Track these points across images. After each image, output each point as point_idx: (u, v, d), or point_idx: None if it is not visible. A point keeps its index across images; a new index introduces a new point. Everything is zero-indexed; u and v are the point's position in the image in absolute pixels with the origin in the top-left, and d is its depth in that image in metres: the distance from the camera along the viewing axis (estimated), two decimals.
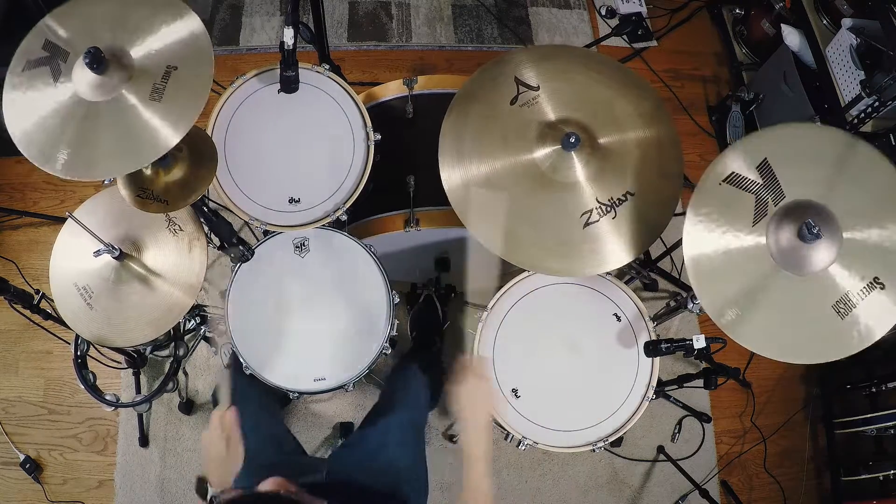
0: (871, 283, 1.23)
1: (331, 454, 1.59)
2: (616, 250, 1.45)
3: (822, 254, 1.24)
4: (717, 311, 1.23)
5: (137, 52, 1.17)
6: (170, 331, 1.65)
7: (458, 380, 1.17)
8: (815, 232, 1.19)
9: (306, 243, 1.64)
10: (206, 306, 2.03)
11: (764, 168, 1.28)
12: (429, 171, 1.51)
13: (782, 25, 2.44)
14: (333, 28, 2.83)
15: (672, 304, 1.64)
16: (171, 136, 1.12)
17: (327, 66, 1.64)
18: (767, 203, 1.27)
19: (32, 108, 1.16)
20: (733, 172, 1.27)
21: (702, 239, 1.25)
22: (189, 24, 1.18)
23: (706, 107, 2.87)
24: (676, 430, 2.30)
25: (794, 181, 1.28)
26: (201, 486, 1.05)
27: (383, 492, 1.37)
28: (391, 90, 1.85)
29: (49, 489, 2.12)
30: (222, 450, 1.12)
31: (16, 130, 1.14)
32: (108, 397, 1.58)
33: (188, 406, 2.16)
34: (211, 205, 1.77)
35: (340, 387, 1.59)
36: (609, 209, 1.46)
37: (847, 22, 2.15)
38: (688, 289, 2.40)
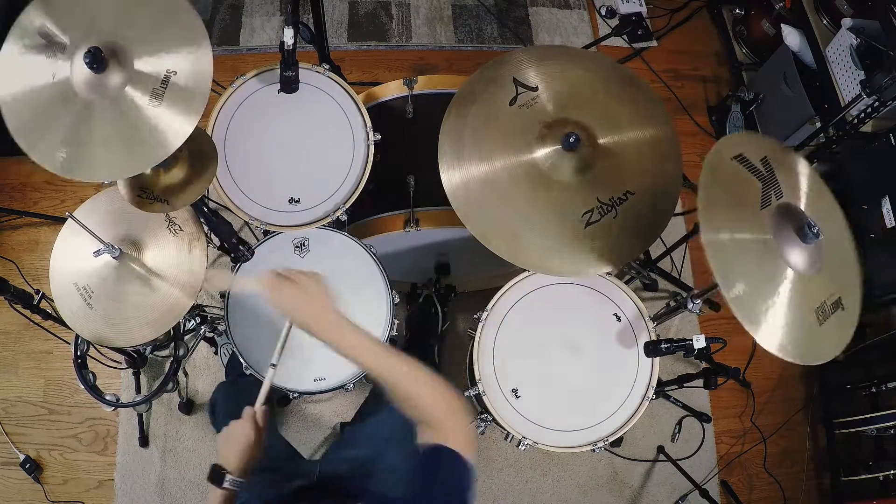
0: (836, 302, 1.28)
1: (322, 456, 1.59)
2: (616, 250, 1.45)
3: (814, 256, 1.26)
4: (728, 284, 1.20)
5: (137, 53, 1.16)
6: (170, 331, 1.64)
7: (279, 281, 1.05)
8: (815, 232, 1.20)
9: (306, 243, 1.64)
10: (206, 306, 2.03)
11: (766, 164, 1.29)
12: (429, 171, 1.51)
13: (782, 25, 2.44)
14: (333, 28, 2.83)
15: (672, 304, 1.64)
16: (169, 142, 1.12)
17: (327, 66, 1.64)
18: (771, 196, 1.28)
19: (34, 104, 1.15)
20: (742, 154, 1.28)
21: (716, 204, 1.24)
22: (191, 29, 1.17)
23: (706, 107, 2.87)
24: (676, 430, 2.30)
25: (790, 188, 1.30)
26: (216, 472, 1.05)
27: (373, 489, 1.36)
28: (391, 90, 1.85)
29: (49, 489, 2.11)
30: (252, 440, 1.09)
31: (17, 126, 1.13)
32: (108, 397, 1.58)
33: (188, 406, 2.16)
34: (211, 205, 1.77)
35: (340, 387, 1.59)
36: (610, 208, 1.46)
37: (847, 22, 2.15)
38: (688, 289, 2.41)
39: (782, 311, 1.22)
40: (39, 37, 1.15)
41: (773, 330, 1.21)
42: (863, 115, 2.02)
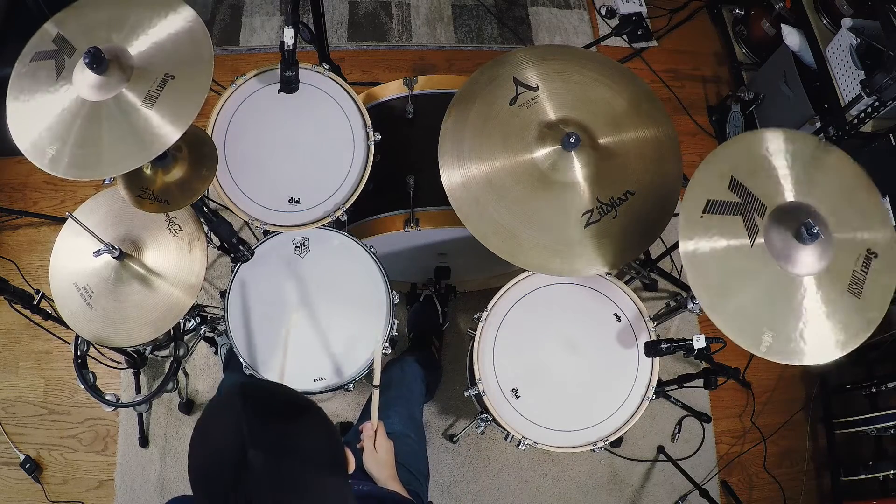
0: (866, 256, 1.27)
1: None
2: (616, 250, 1.45)
3: (823, 249, 1.25)
4: (753, 342, 1.21)
5: (138, 55, 1.17)
6: (170, 331, 1.64)
7: (367, 446, 1.29)
8: (814, 232, 1.19)
9: (306, 243, 1.64)
10: (206, 306, 2.03)
11: (735, 186, 1.26)
12: (429, 171, 1.52)
13: (782, 25, 2.44)
14: (333, 28, 2.83)
15: (672, 304, 1.64)
16: (152, 147, 1.13)
17: (327, 66, 1.64)
18: (755, 218, 1.25)
19: (34, 102, 1.17)
20: (709, 200, 1.25)
21: (706, 272, 1.22)
22: (197, 44, 1.18)
23: (706, 107, 2.87)
24: (676, 430, 2.30)
25: (767, 189, 1.28)
26: None
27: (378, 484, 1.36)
28: (391, 90, 1.85)
29: (49, 489, 2.12)
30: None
31: (16, 125, 1.15)
32: (108, 397, 1.58)
33: (188, 406, 2.16)
34: (211, 205, 1.78)
35: (340, 387, 1.59)
36: (609, 209, 1.46)
37: (847, 22, 2.15)
38: (688, 289, 2.41)
39: (817, 320, 1.22)
40: (53, 43, 1.18)
41: (818, 346, 1.22)
42: (863, 115, 2.02)
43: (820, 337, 1.23)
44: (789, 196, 1.28)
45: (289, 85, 1.47)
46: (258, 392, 0.86)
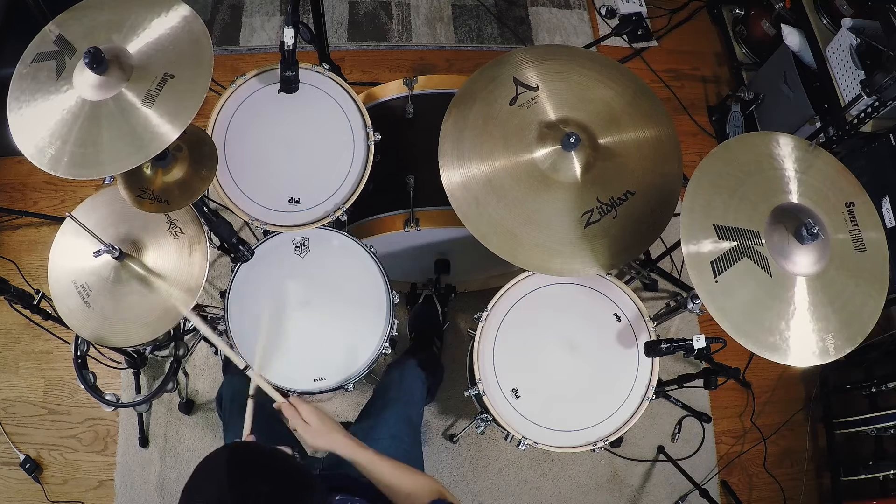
0: (849, 209, 1.33)
1: (327, 454, 1.59)
2: (616, 250, 1.45)
3: (824, 244, 1.28)
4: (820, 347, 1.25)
5: (137, 54, 1.17)
6: (170, 331, 1.64)
7: (299, 425, 1.25)
8: (814, 232, 1.20)
9: (306, 243, 1.64)
10: (205, 306, 2.03)
11: (722, 231, 1.26)
12: (429, 171, 1.52)
13: (782, 25, 2.44)
14: (333, 28, 2.83)
15: (672, 304, 1.64)
16: (151, 146, 1.13)
17: (327, 66, 1.64)
18: (757, 250, 1.26)
19: (35, 103, 1.17)
20: (712, 262, 1.25)
21: (742, 322, 1.23)
22: (197, 43, 1.18)
23: (706, 107, 2.87)
24: (676, 430, 2.30)
25: (747, 215, 1.29)
26: None
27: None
28: (391, 90, 1.85)
29: (49, 489, 2.11)
30: None
31: (17, 125, 1.16)
32: (108, 397, 1.58)
33: (188, 406, 2.16)
34: (211, 205, 1.78)
35: (340, 387, 1.59)
36: (610, 208, 1.46)
37: (847, 22, 2.15)
38: (688, 289, 2.41)
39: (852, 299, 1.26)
40: (54, 44, 1.18)
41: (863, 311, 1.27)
42: (863, 115, 2.02)
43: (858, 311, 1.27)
44: (774, 203, 1.31)
45: (289, 85, 1.47)
46: (245, 458, 0.92)
